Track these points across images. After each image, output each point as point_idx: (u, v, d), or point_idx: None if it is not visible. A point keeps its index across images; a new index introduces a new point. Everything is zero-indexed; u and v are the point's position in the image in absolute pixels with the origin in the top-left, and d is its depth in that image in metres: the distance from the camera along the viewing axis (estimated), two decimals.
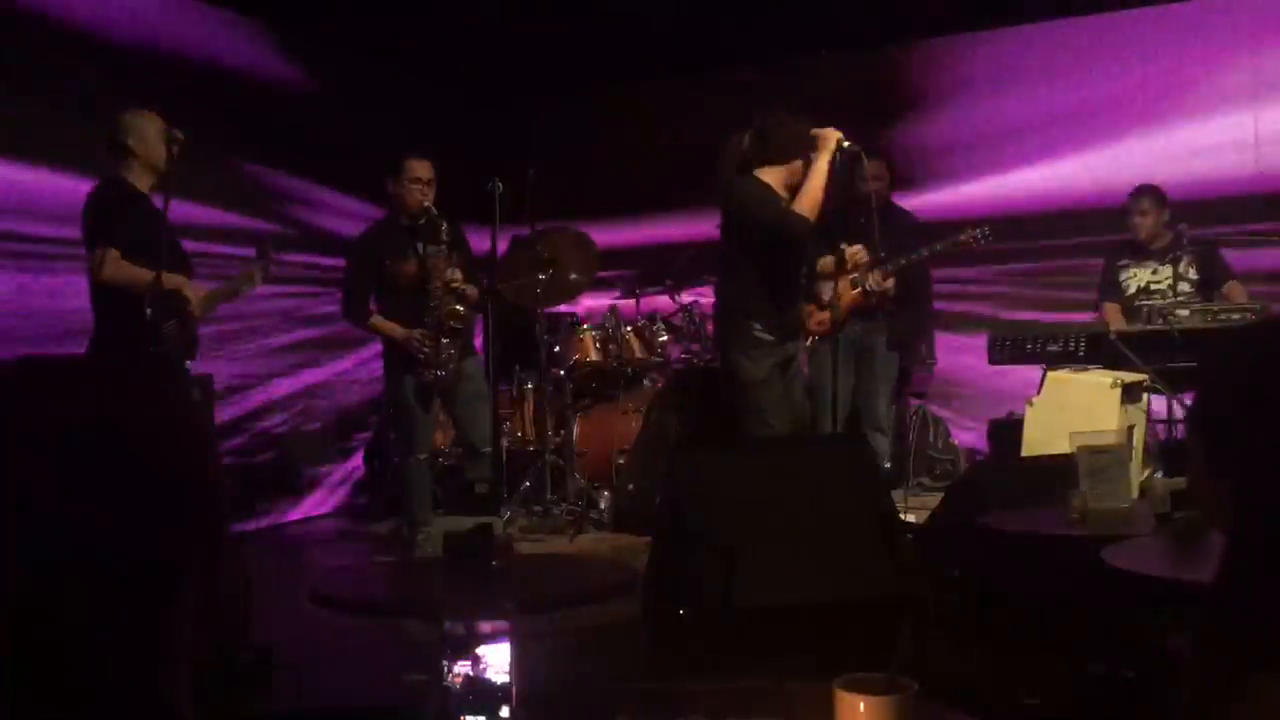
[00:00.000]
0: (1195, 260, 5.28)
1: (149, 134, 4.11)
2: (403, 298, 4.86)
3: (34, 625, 0.66)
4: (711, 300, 5.08)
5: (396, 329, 4.85)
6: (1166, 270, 5.29)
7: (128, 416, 0.72)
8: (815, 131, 4.21)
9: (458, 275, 4.84)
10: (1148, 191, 5.40)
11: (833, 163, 4.17)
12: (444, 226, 4.81)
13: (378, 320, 4.92)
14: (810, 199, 4.12)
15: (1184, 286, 5.23)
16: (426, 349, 4.79)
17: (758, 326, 4.22)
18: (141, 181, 4.13)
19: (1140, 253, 5.42)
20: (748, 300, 4.24)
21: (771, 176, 4.20)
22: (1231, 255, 5.36)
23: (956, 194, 6.64)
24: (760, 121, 4.25)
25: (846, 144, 4.20)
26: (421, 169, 4.86)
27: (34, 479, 0.67)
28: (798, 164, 4.18)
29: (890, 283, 5.19)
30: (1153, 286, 5.34)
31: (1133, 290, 5.40)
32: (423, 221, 4.84)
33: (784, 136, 4.19)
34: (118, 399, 0.72)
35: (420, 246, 4.84)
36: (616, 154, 7.29)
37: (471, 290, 4.97)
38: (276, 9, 6.08)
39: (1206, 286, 5.22)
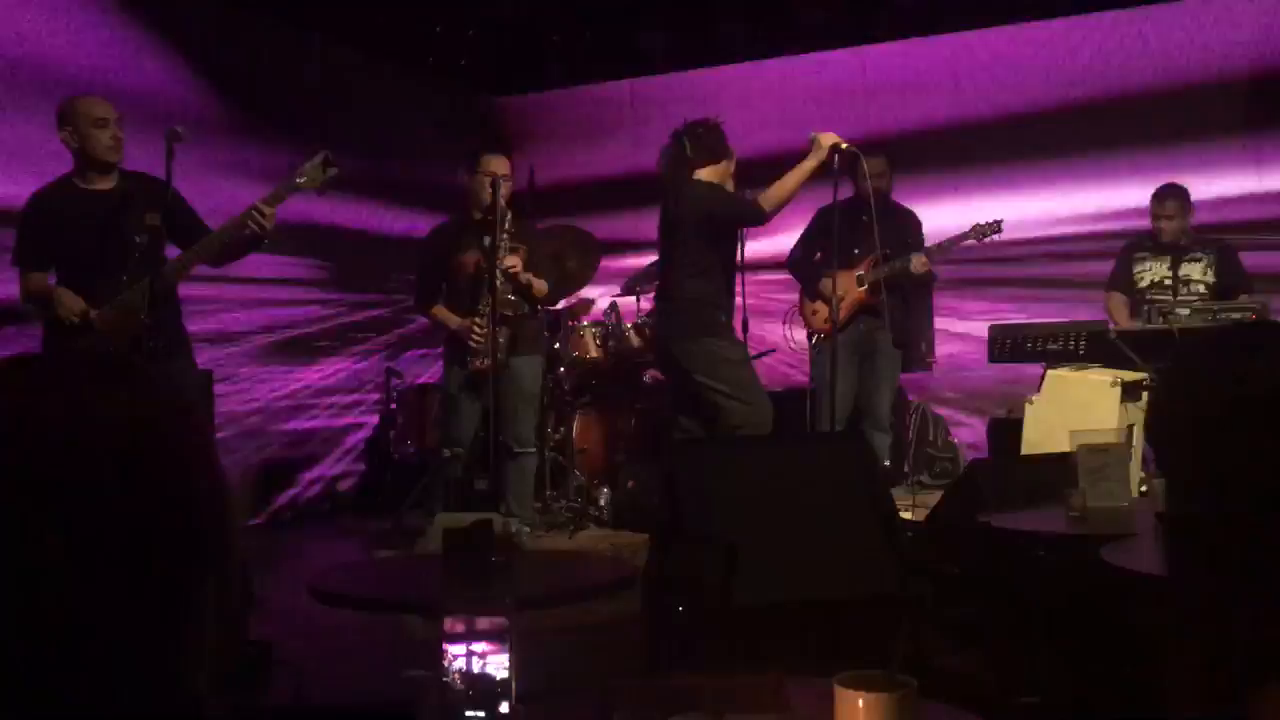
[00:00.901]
0: (1214, 263, 5.17)
1: (80, 124, 3.77)
2: (466, 289, 4.85)
3: (53, 620, 0.66)
4: None
5: (452, 317, 4.86)
6: (1187, 269, 5.17)
7: (128, 410, 0.72)
8: (813, 135, 4.37)
9: (516, 262, 4.75)
10: (1173, 193, 5.24)
11: (826, 165, 4.34)
12: (508, 218, 4.74)
13: (437, 310, 4.94)
14: (777, 194, 4.37)
15: (1200, 288, 5.13)
16: (476, 336, 4.77)
17: (723, 317, 4.48)
18: (88, 179, 3.83)
19: (1159, 247, 5.29)
20: (716, 294, 4.45)
21: (710, 175, 4.46)
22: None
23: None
24: (691, 128, 4.51)
25: (844, 146, 4.33)
26: (496, 164, 4.83)
27: (37, 477, 0.67)
28: (724, 163, 4.48)
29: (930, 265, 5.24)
30: (1166, 283, 5.21)
31: (1145, 284, 5.27)
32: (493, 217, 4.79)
33: (715, 138, 4.49)
34: (115, 394, 0.72)
35: (485, 240, 4.78)
36: (617, 148, 7.30)
37: (539, 283, 4.87)
38: (287, 6, 6.09)
39: (1222, 292, 5.08)
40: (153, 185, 3.87)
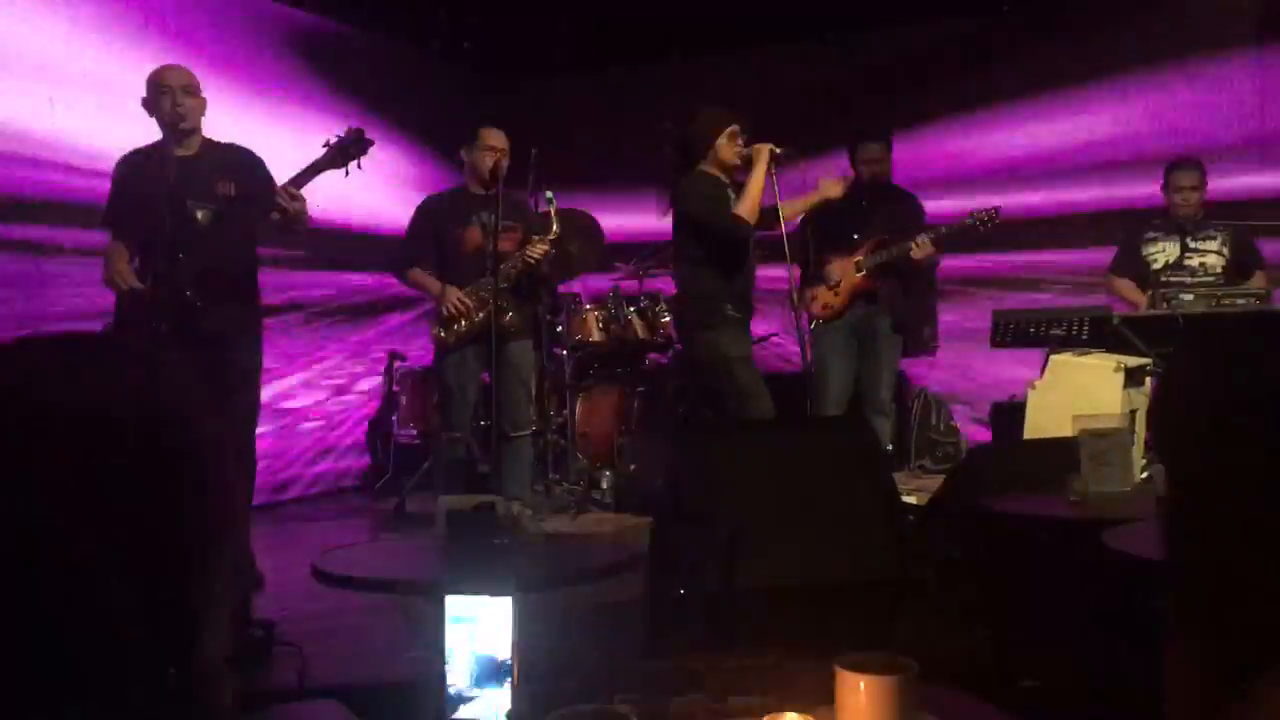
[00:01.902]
0: (1229, 241, 5.00)
1: (150, 92, 3.82)
2: (464, 264, 4.80)
3: (68, 593, 0.67)
4: None
5: (433, 283, 4.82)
6: (1201, 246, 5.01)
7: (134, 395, 0.72)
8: (751, 149, 4.44)
9: (537, 251, 4.72)
10: (1193, 165, 5.03)
11: (770, 171, 4.40)
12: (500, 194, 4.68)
13: (417, 274, 4.88)
14: (749, 204, 4.40)
15: (1216, 268, 4.96)
16: (454, 309, 4.74)
17: (729, 307, 4.46)
18: (169, 147, 3.81)
19: (1169, 226, 5.10)
20: (717, 286, 4.45)
21: (707, 167, 4.47)
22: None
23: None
24: (668, 133, 4.58)
25: (778, 150, 4.42)
26: (494, 138, 4.82)
27: (45, 463, 0.67)
28: (715, 151, 4.45)
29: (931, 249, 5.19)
30: (1185, 263, 5.01)
31: (1159, 265, 5.06)
32: (493, 191, 4.75)
33: (698, 126, 4.49)
34: (117, 379, 0.72)
35: (486, 215, 4.74)
36: (619, 135, 7.28)
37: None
38: None
39: (1237, 269, 4.96)
40: (232, 155, 3.88)
